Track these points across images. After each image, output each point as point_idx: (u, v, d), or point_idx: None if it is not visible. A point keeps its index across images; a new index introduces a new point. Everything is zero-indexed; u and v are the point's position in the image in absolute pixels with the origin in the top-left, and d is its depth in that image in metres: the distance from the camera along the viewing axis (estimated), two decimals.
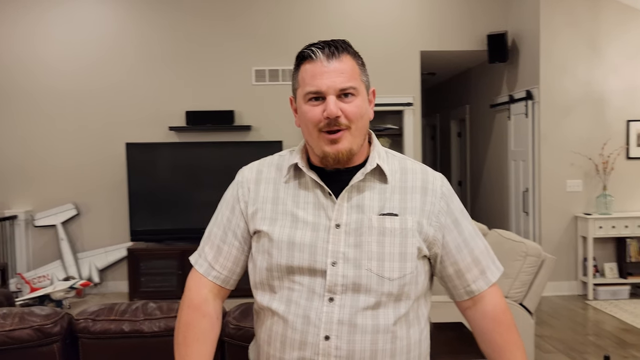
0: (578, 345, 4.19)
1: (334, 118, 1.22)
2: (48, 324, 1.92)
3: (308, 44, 1.29)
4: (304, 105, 1.27)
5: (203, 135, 6.09)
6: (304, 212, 1.28)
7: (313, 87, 1.24)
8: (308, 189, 1.30)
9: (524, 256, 3.34)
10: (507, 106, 6.39)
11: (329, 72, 1.23)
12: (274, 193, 1.33)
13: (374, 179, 1.30)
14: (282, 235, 1.27)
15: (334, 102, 1.23)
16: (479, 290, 1.33)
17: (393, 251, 1.24)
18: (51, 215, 5.92)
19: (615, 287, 5.49)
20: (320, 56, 1.24)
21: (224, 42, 6.09)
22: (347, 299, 1.22)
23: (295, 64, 1.31)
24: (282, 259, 1.26)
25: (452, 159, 8.78)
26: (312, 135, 1.27)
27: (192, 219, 5.77)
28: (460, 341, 2.71)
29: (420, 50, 6.22)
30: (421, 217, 1.28)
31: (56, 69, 6.00)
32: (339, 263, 1.23)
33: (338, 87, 1.23)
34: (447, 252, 1.31)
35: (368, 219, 1.25)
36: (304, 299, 1.24)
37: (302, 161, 1.32)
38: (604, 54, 5.65)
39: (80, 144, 6.03)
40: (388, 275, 1.23)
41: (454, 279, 1.33)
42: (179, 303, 2.08)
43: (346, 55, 1.26)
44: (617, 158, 5.64)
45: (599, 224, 5.43)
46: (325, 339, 1.21)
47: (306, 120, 1.27)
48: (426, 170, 1.35)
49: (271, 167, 1.38)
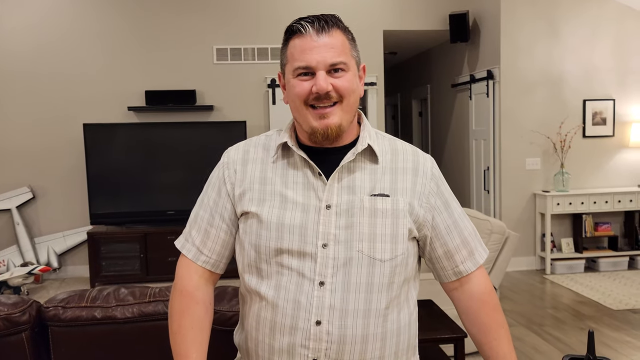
0: (538, 318, 4.33)
1: (324, 93, 1.19)
2: (16, 313, 1.85)
3: (297, 18, 1.25)
4: (293, 80, 1.23)
5: (164, 116, 5.95)
6: (293, 193, 1.25)
7: (302, 62, 1.21)
8: (297, 169, 1.27)
9: (489, 234, 3.41)
10: (468, 86, 6.47)
11: (319, 47, 1.20)
12: (261, 173, 1.29)
13: (365, 159, 1.28)
14: (271, 216, 1.24)
15: (324, 77, 1.20)
16: (467, 272, 1.33)
17: (384, 232, 1.23)
18: (5, 199, 5.70)
19: (572, 261, 5.69)
20: (310, 30, 1.21)
21: (184, 19, 5.94)
22: (338, 282, 1.21)
23: (284, 38, 1.27)
24: (272, 241, 1.23)
25: (414, 139, 8.86)
26: (300, 111, 1.24)
27: (153, 201, 5.66)
28: (431, 318, 2.76)
29: (383, 30, 6.22)
30: (412, 198, 1.27)
31: (8, 48, 5.72)
32: (330, 245, 1.21)
33: (328, 62, 1.20)
34: (436, 233, 1.31)
35: (359, 199, 1.23)
36: (293, 283, 1.21)
37: (291, 140, 1.28)
38: (562, 35, 5.77)
39: (36, 125, 5.81)
40: (379, 256, 1.22)
41: (443, 260, 1.33)
42: (151, 288, 2.04)
43: (336, 30, 1.24)
44: (573, 137, 5.81)
45: (557, 200, 5.60)
46: (317, 324, 1.20)
47: (294, 95, 1.23)
48: (416, 151, 1.34)
49: (258, 147, 1.34)
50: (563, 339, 3.88)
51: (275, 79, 5.94)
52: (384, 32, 6.24)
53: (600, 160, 5.90)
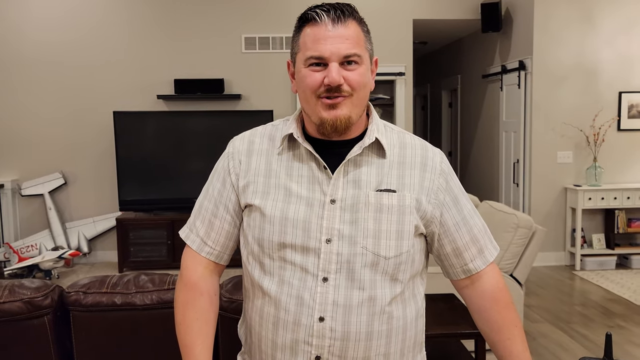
0: (565, 314, 4.25)
1: (335, 86, 1.16)
2: (39, 297, 1.89)
3: (312, 5, 1.21)
4: (304, 70, 1.19)
5: (192, 104, 6.00)
6: (297, 186, 1.22)
7: (315, 52, 1.16)
8: (302, 161, 1.24)
9: (515, 228, 3.35)
10: (499, 76, 6.34)
11: (333, 37, 1.16)
12: (266, 165, 1.26)
13: (372, 153, 1.24)
14: (274, 210, 1.21)
15: (336, 69, 1.16)
16: (477, 270, 1.30)
17: (390, 229, 1.20)
18: (38, 184, 5.84)
19: (603, 257, 5.56)
20: (325, 19, 1.17)
21: (213, 8, 5.96)
22: (341, 278, 1.18)
23: (297, 25, 1.23)
24: (275, 235, 1.21)
25: (443, 130, 8.75)
26: (309, 102, 1.20)
27: (181, 188, 5.73)
28: (452, 312, 2.72)
29: (413, 19, 6.13)
30: (420, 193, 1.23)
31: (42, 37, 5.84)
32: (334, 240, 1.18)
33: (342, 53, 1.16)
34: (445, 230, 1.27)
35: (365, 194, 1.20)
36: (296, 279, 1.19)
37: (297, 131, 1.25)
38: (598, 25, 5.60)
39: (68, 112, 5.93)
40: (384, 253, 1.19)
41: (452, 257, 1.30)
42: (170, 275, 2.06)
43: (352, 21, 1.19)
44: (608, 130, 5.65)
45: (589, 195, 5.47)
46: (320, 320, 1.18)
47: (304, 86, 1.19)
48: (426, 145, 1.30)
49: (264, 138, 1.30)
50: (590, 337, 3.80)
51: None
52: (413, 22, 6.16)
53: (635, 155, 5.73)
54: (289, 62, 1.28)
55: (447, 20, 6.30)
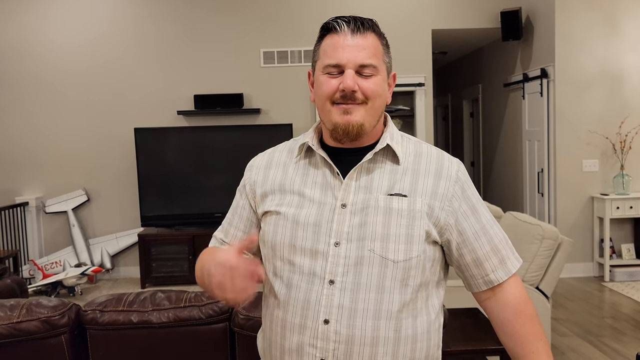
0: (594, 327, 4.12)
1: (350, 92, 1.19)
2: (55, 316, 1.88)
3: (334, 16, 1.25)
4: (321, 77, 1.23)
5: (212, 119, 6.02)
6: (311, 191, 1.25)
7: (333, 60, 1.21)
8: (317, 168, 1.28)
9: (541, 239, 3.27)
10: (521, 85, 6.25)
11: (351, 46, 1.20)
12: (282, 175, 1.31)
13: (386, 159, 1.26)
14: (287, 215, 1.25)
15: (351, 75, 1.19)
16: (498, 281, 1.27)
17: (399, 232, 1.19)
18: (62, 201, 5.91)
19: (633, 268, 5.39)
20: (345, 29, 1.21)
21: (231, 24, 6.00)
22: (348, 281, 1.18)
23: (319, 35, 1.27)
24: (286, 238, 1.23)
25: (465, 140, 8.66)
26: (324, 108, 1.23)
27: (201, 203, 5.74)
28: (476, 327, 2.65)
29: (432, 29, 6.09)
30: (432, 199, 1.22)
31: (64, 55, 5.94)
32: (342, 243, 1.19)
33: (359, 62, 1.20)
34: (464, 239, 1.25)
35: (375, 198, 1.21)
36: (304, 281, 1.20)
37: (313, 140, 1.29)
38: (621, 28, 5.49)
39: (89, 130, 6.00)
40: (392, 257, 1.18)
41: (472, 267, 1.27)
42: (187, 292, 2.04)
43: (371, 33, 1.23)
44: (635, 137, 5.51)
45: (616, 204, 5.33)
46: (325, 323, 1.17)
47: (321, 92, 1.23)
48: (442, 154, 1.30)
49: (283, 152, 1.36)
50: (622, 351, 3.67)
51: None
52: (432, 32, 6.11)
53: None
54: (309, 72, 1.32)
55: (467, 30, 6.24)
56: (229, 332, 1.95)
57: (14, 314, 1.87)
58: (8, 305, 1.92)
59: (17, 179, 5.99)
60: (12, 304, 1.93)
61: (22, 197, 5.91)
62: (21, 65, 5.93)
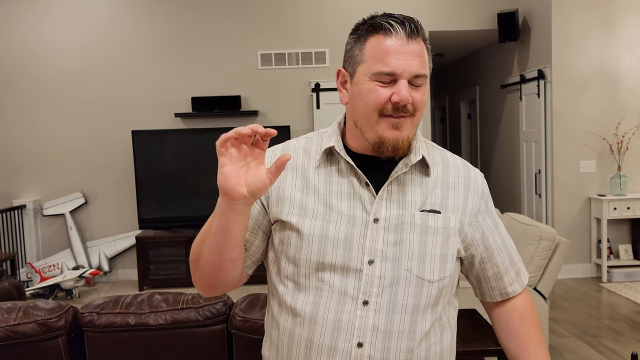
0: (592, 328, 4.12)
1: (403, 105, 1.10)
2: (53, 318, 1.88)
3: (378, 14, 1.13)
4: (368, 83, 1.11)
5: (209, 121, 6.02)
6: (338, 202, 1.15)
7: (387, 67, 1.09)
8: (342, 176, 1.17)
9: (538, 240, 3.27)
10: (518, 86, 6.27)
11: (406, 54, 1.09)
12: (302, 180, 1.19)
13: (416, 171, 1.19)
14: (313, 228, 1.14)
15: (406, 87, 1.09)
16: (514, 293, 1.28)
17: (435, 252, 1.15)
18: (59, 204, 5.90)
19: (630, 269, 5.40)
20: (400, 32, 1.09)
21: (228, 26, 6.00)
22: (383, 302, 1.12)
23: (362, 33, 1.14)
24: (313, 254, 1.14)
25: (462, 141, 8.67)
26: (368, 118, 1.12)
27: (199, 205, 5.73)
28: (474, 329, 2.65)
29: (429, 31, 6.10)
30: (463, 216, 1.19)
31: (62, 58, 5.94)
32: (377, 262, 1.12)
33: (414, 72, 1.10)
34: (490, 254, 1.24)
35: (410, 215, 1.15)
36: (334, 301, 1.12)
37: (338, 144, 1.18)
38: (618, 31, 5.50)
39: (87, 132, 6.00)
40: (428, 277, 1.14)
41: (492, 280, 1.27)
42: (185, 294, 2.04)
43: (421, 38, 1.13)
44: (632, 137, 5.52)
45: (614, 205, 5.34)
46: (358, 346, 1.11)
47: (367, 101, 1.11)
48: (468, 166, 1.26)
49: (298, 152, 1.23)
50: (620, 352, 3.67)
51: (319, 84, 5.92)
52: (429, 33, 6.12)
53: None
54: (341, 70, 1.19)
55: (464, 32, 6.26)
56: (226, 334, 1.95)
57: (11, 317, 1.87)
58: (5, 307, 1.92)
59: (14, 181, 5.98)
60: (9, 307, 1.92)
61: (19, 200, 5.90)
62: (19, 68, 5.92)
